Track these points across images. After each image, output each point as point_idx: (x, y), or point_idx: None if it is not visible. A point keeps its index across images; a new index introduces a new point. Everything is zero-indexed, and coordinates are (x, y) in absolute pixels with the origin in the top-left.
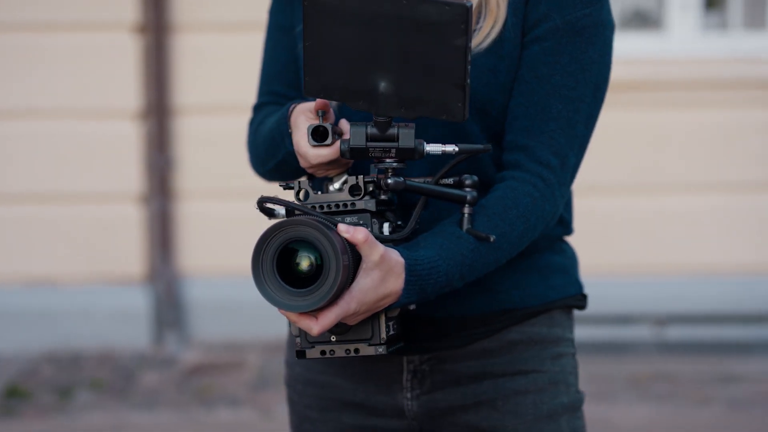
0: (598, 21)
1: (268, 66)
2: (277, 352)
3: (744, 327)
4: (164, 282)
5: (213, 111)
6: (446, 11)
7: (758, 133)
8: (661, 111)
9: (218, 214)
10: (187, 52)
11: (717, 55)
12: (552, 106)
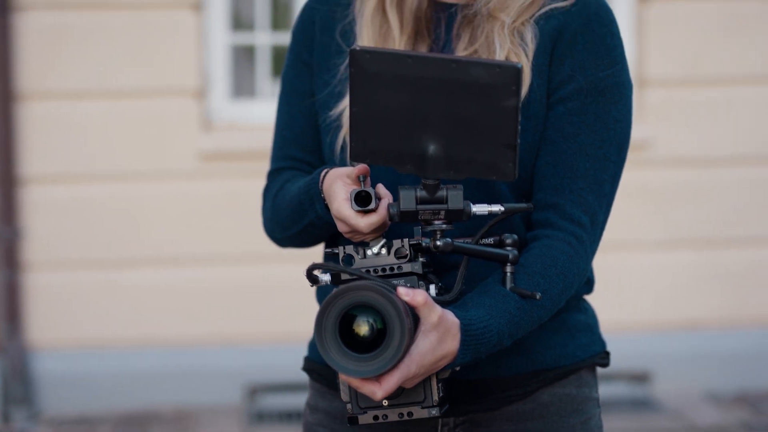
0: (620, 81)
1: (284, 131)
2: (130, 424)
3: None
4: (12, 356)
5: (60, 179)
6: (497, 73)
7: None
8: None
9: (67, 284)
10: (33, 120)
11: None
12: (579, 164)
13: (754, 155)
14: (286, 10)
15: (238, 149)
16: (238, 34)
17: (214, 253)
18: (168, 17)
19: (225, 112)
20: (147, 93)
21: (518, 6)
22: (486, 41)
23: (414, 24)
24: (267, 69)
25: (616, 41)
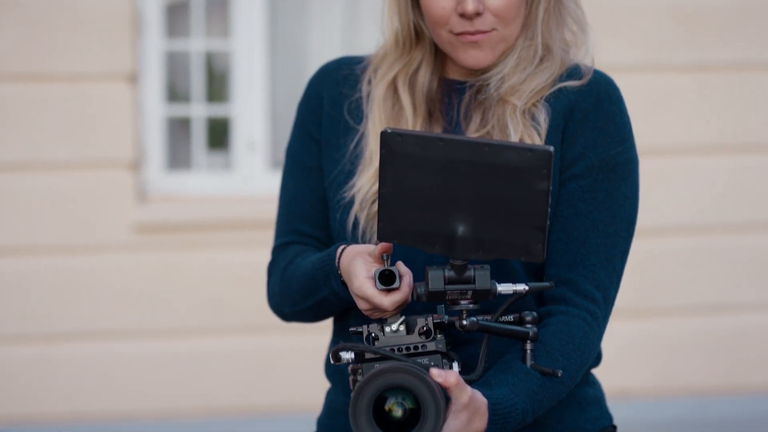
0: (629, 158)
1: (291, 206)
2: None
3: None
4: None
5: None
6: (530, 157)
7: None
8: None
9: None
10: None
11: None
12: (592, 241)
13: (696, 226)
14: (222, 82)
15: (174, 221)
16: (174, 105)
17: (149, 326)
18: (103, 89)
19: (160, 184)
20: (82, 165)
21: (529, 90)
22: (498, 124)
23: (426, 105)
24: (202, 140)
25: (625, 119)
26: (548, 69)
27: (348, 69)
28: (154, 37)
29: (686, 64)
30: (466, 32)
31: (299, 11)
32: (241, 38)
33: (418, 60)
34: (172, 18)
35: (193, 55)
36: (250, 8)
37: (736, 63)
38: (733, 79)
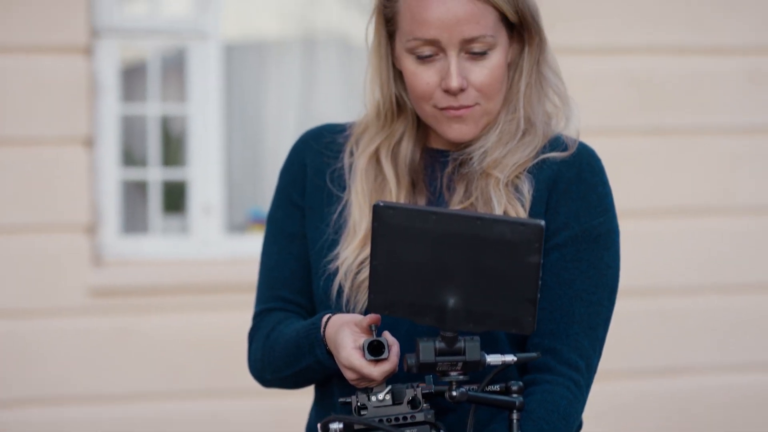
0: (611, 228)
1: (273, 272)
2: None
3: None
4: None
5: None
6: (521, 231)
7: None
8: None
9: None
10: None
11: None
12: (575, 310)
13: (644, 288)
14: (178, 146)
15: (130, 285)
16: (130, 169)
17: (105, 391)
18: (59, 153)
19: (116, 248)
20: (37, 228)
21: (512, 164)
22: (482, 196)
23: (410, 176)
24: (158, 204)
25: (607, 189)
26: (531, 143)
27: (330, 137)
28: (111, 100)
29: (641, 128)
30: (450, 107)
31: (255, 76)
32: (197, 102)
33: (401, 131)
34: (129, 82)
35: (149, 119)
36: (206, 72)
37: (689, 127)
38: (686, 143)
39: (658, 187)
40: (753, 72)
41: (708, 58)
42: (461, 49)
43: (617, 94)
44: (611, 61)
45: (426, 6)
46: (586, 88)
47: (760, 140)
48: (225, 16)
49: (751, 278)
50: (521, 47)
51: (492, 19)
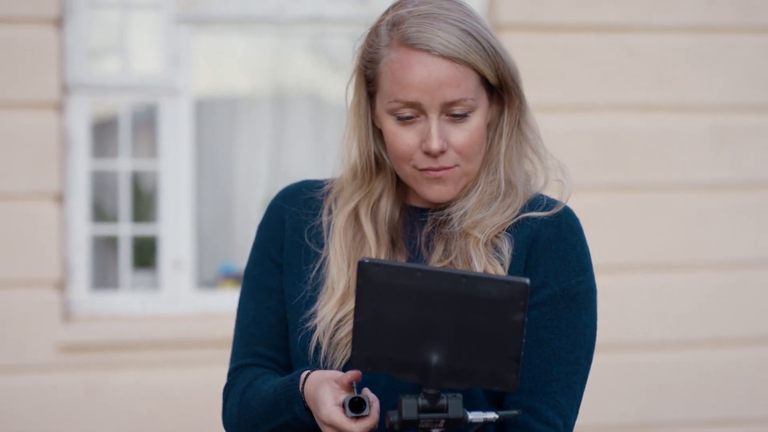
0: (589, 287)
1: (250, 327)
2: None
3: None
4: None
5: None
6: (506, 289)
7: None
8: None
9: None
10: None
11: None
12: (553, 368)
13: (621, 343)
14: (149, 202)
15: (100, 340)
16: (100, 225)
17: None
18: (30, 208)
19: (86, 304)
20: (7, 284)
21: (492, 225)
22: (462, 255)
23: (389, 234)
24: (129, 260)
25: (585, 249)
26: (511, 204)
27: (308, 194)
28: (81, 156)
29: (609, 184)
30: (430, 168)
31: (226, 132)
32: (168, 158)
33: (380, 189)
34: (100, 137)
35: (120, 175)
36: (177, 129)
37: (657, 184)
38: (654, 199)
39: (625, 243)
40: (719, 130)
41: (675, 116)
42: (442, 112)
43: (585, 151)
44: (579, 119)
45: (408, 69)
46: (555, 145)
47: (727, 197)
48: (196, 72)
49: (720, 333)
50: (501, 108)
51: (473, 82)
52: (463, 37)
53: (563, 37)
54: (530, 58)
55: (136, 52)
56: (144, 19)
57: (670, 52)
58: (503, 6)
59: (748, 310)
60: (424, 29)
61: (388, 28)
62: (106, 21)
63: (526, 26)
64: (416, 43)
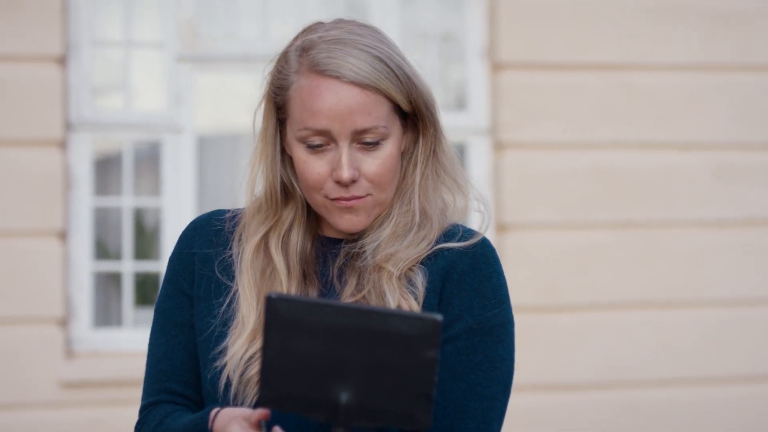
0: (506, 320)
1: (161, 363)
2: None
3: None
4: None
5: None
6: (418, 325)
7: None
8: None
9: None
10: None
11: None
12: (469, 404)
13: (615, 381)
14: (152, 238)
15: (102, 378)
16: (103, 262)
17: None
18: (33, 245)
19: (88, 341)
20: (9, 320)
21: (405, 258)
22: (375, 289)
23: (301, 266)
24: (131, 297)
25: (502, 280)
26: (426, 237)
27: (219, 224)
28: (84, 193)
29: (609, 222)
30: (342, 198)
31: (228, 169)
32: (171, 194)
33: (290, 219)
34: (102, 175)
35: (123, 212)
36: (179, 165)
37: (657, 221)
38: (654, 236)
39: (626, 280)
40: (719, 167)
41: (675, 154)
42: (353, 140)
43: (587, 188)
44: (580, 157)
45: (317, 96)
46: (556, 182)
47: (727, 234)
48: (199, 109)
49: (722, 370)
50: (416, 136)
51: (385, 110)
52: (374, 63)
53: (563, 76)
54: (531, 96)
55: (139, 90)
56: (147, 58)
57: (670, 90)
58: (503, 45)
59: (750, 348)
60: (334, 55)
61: (298, 53)
62: (109, 59)
63: (527, 65)
64: (326, 69)
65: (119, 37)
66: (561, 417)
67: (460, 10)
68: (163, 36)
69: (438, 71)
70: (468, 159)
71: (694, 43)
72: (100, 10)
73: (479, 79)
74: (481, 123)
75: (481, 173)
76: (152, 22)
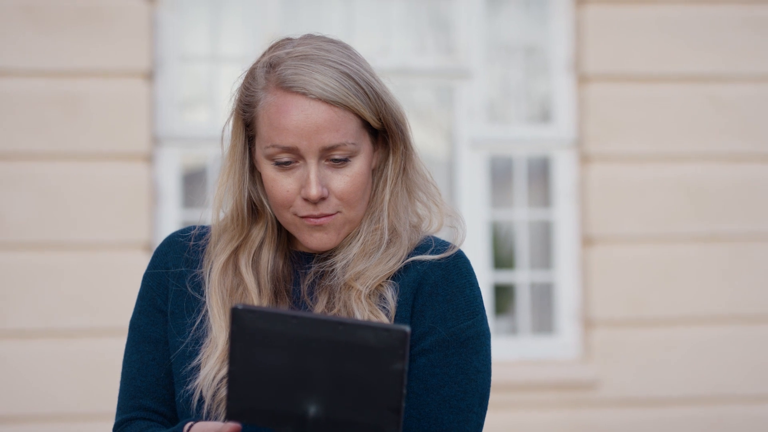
0: (480, 331)
1: (135, 380)
2: None
3: None
4: None
5: (5, 421)
6: (385, 337)
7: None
8: None
9: None
10: None
11: (508, 359)
12: (443, 417)
13: (700, 396)
14: None
15: None
16: None
17: None
18: (117, 258)
19: None
20: (95, 333)
21: (374, 276)
22: (345, 308)
23: (272, 284)
24: None
25: (475, 291)
26: (395, 254)
27: (193, 240)
28: (171, 206)
29: (695, 235)
30: (311, 216)
31: None
32: None
33: (260, 238)
34: (189, 188)
35: (209, 224)
36: None
37: (743, 234)
38: (740, 250)
39: (712, 294)
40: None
41: (760, 166)
42: (321, 157)
43: (671, 201)
44: (665, 169)
45: (284, 113)
46: (642, 195)
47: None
48: None
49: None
50: (387, 153)
51: (353, 126)
52: (341, 79)
53: (649, 88)
54: (616, 108)
55: (225, 105)
56: (233, 72)
57: (757, 101)
58: (589, 57)
59: None
60: (301, 71)
61: (265, 70)
62: (195, 74)
63: (613, 77)
64: (292, 85)
65: (205, 51)
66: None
67: (546, 23)
68: (249, 50)
69: (522, 84)
70: (553, 172)
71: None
72: (186, 25)
73: (565, 91)
74: (566, 136)
75: (567, 186)
76: (238, 36)
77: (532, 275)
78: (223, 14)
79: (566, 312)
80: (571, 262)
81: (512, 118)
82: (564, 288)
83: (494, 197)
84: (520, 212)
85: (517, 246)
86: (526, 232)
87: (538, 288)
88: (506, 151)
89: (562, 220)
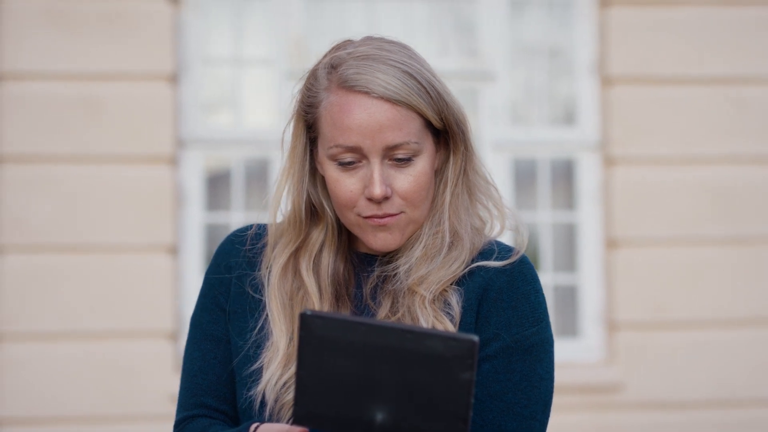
0: (544, 338)
1: (197, 377)
2: None
3: None
4: None
5: (30, 422)
6: (454, 346)
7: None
8: None
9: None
10: (7, 360)
11: None
12: (507, 424)
13: (725, 399)
14: None
15: None
16: None
17: None
18: (144, 260)
19: None
20: (120, 335)
21: (437, 281)
22: (409, 313)
23: (333, 287)
24: None
25: (540, 298)
26: (458, 258)
27: (257, 239)
28: (195, 209)
29: (719, 237)
30: (375, 216)
31: None
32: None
33: (320, 241)
34: (213, 191)
35: (233, 227)
36: None
37: (766, 236)
38: (764, 252)
39: (736, 297)
40: None
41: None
42: (384, 156)
43: (697, 204)
44: (690, 172)
45: (347, 112)
46: (666, 198)
47: None
48: None
49: None
50: (448, 154)
51: (416, 126)
52: (404, 78)
53: (673, 90)
54: (641, 111)
55: (249, 107)
56: (256, 75)
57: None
58: (613, 59)
59: None
60: (363, 71)
61: (327, 70)
62: (219, 77)
63: (637, 79)
64: (355, 85)
65: (229, 54)
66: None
67: (569, 25)
68: (273, 53)
69: (546, 86)
70: (576, 174)
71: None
72: (210, 28)
73: (589, 93)
74: (590, 138)
75: (591, 188)
76: (261, 39)
77: (555, 278)
78: (246, 17)
79: (590, 315)
80: (594, 264)
81: (535, 121)
82: (588, 291)
83: (518, 199)
84: (543, 214)
85: (541, 248)
86: (549, 234)
87: (562, 290)
88: (529, 153)
89: (585, 223)
